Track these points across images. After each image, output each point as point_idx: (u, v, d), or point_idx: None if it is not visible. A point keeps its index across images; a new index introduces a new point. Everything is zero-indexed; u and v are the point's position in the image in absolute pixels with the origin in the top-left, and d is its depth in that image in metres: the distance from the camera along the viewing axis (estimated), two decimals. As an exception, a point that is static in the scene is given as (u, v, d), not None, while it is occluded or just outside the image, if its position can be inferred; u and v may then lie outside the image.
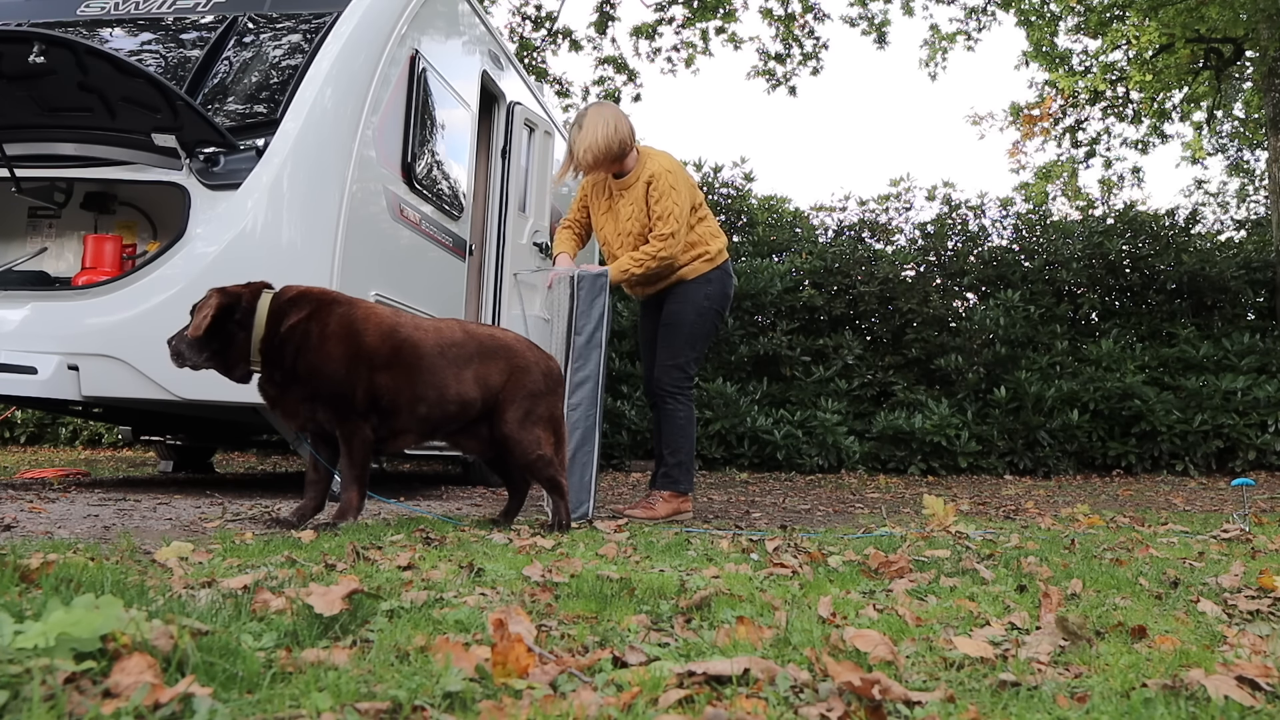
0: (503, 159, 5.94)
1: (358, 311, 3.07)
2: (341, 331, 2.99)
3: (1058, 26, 13.38)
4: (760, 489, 6.79)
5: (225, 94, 4.40)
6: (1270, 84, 10.83)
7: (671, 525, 3.57)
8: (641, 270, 3.93)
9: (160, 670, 1.08)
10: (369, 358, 3.00)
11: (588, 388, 3.76)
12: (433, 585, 1.85)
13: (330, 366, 2.95)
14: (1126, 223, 10.11)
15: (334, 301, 3.07)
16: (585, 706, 1.09)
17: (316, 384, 2.96)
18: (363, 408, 3.00)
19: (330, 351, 2.96)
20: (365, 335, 3.01)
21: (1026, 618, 1.70)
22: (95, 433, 10.32)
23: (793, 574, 2.21)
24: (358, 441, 3.01)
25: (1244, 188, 16.92)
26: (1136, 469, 8.64)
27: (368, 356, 3.00)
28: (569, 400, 3.69)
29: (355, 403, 2.99)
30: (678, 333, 4.08)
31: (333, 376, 2.95)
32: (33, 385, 3.82)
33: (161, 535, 2.69)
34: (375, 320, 3.06)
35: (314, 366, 2.94)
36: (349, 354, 2.97)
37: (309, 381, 2.96)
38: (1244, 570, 2.35)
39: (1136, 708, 1.18)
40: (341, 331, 2.99)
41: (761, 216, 10.67)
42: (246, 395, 3.92)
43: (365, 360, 2.99)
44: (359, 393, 2.98)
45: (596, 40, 13.89)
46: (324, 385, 2.96)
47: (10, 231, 4.76)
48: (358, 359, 2.98)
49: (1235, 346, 8.97)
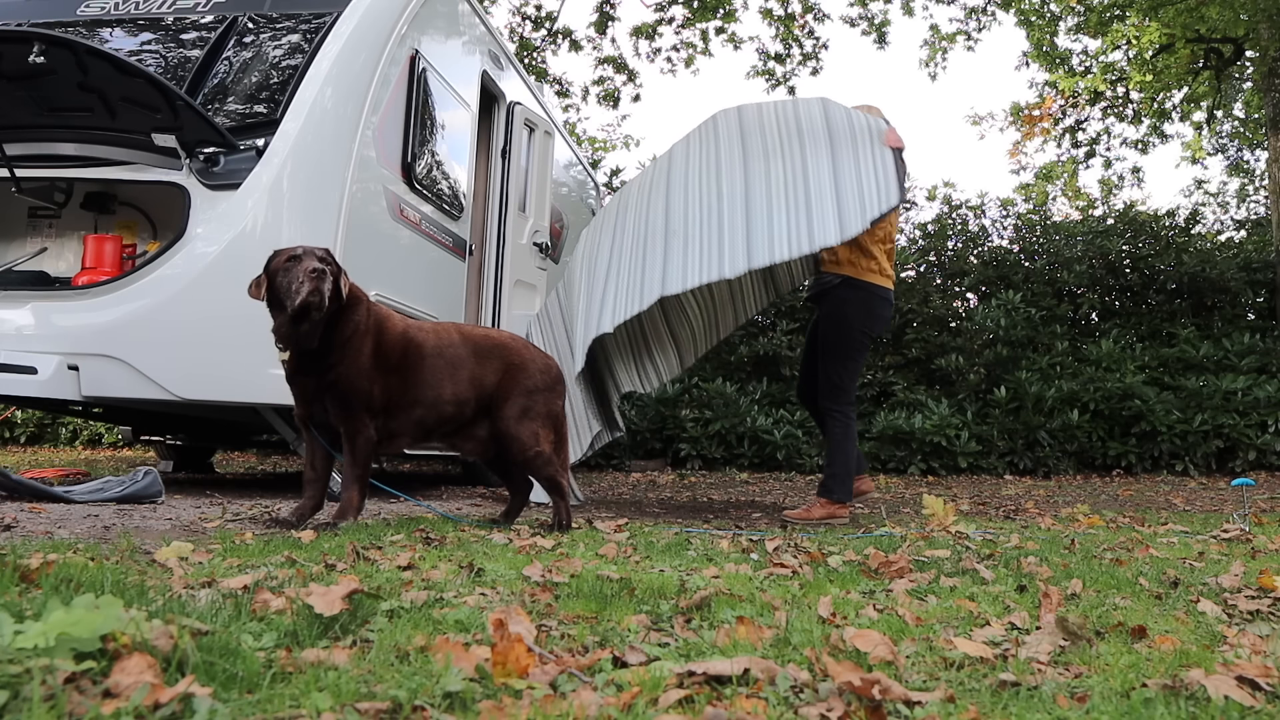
0: (503, 159, 5.94)
1: (381, 312, 3.12)
2: (374, 328, 3.04)
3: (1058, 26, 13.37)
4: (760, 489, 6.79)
5: (225, 94, 4.40)
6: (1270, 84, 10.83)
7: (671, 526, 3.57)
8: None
9: (160, 670, 1.08)
10: (385, 360, 3.04)
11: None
12: (433, 585, 1.85)
13: (360, 361, 2.98)
14: (1126, 223, 10.11)
15: (365, 299, 3.10)
16: (585, 706, 1.09)
17: (339, 373, 2.97)
18: (376, 407, 3.03)
19: (363, 347, 2.99)
20: (386, 337, 3.06)
21: (1026, 618, 1.70)
22: (95, 433, 10.32)
23: (793, 574, 2.21)
24: (362, 440, 3.02)
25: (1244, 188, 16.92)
26: (1136, 469, 8.64)
27: (384, 358, 3.03)
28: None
29: (372, 402, 3.01)
30: (826, 348, 4.24)
31: (360, 372, 2.98)
32: (33, 385, 3.81)
33: (161, 535, 2.69)
34: (392, 324, 3.12)
35: (345, 358, 2.97)
36: (374, 353, 3.01)
37: (335, 368, 2.97)
38: (1244, 570, 2.35)
39: (1136, 708, 1.18)
40: (374, 328, 3.04)
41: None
42: (246, 395, 3.94)
43: (383, 361, 3.03)
44: (376, 392, 3.01)
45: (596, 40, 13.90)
46: (346, 377, 2.97)
47: (10, 231, 4.76)
48: (378, 359, 3.02)
49: (1235, 346, 8.96)
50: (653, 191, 4.35)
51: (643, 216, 4.28)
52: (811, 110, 4.23)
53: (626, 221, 4.37)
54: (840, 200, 3.95)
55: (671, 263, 4.03)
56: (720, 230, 4.03)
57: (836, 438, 4.16)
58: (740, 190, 4.12)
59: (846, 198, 3.96)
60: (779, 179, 4.10)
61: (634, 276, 4.13)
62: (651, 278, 4.04)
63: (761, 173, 4.14)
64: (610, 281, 4.21)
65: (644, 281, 4.06)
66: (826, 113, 4.20)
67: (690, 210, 4.13)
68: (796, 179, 4.08)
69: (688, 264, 3.99)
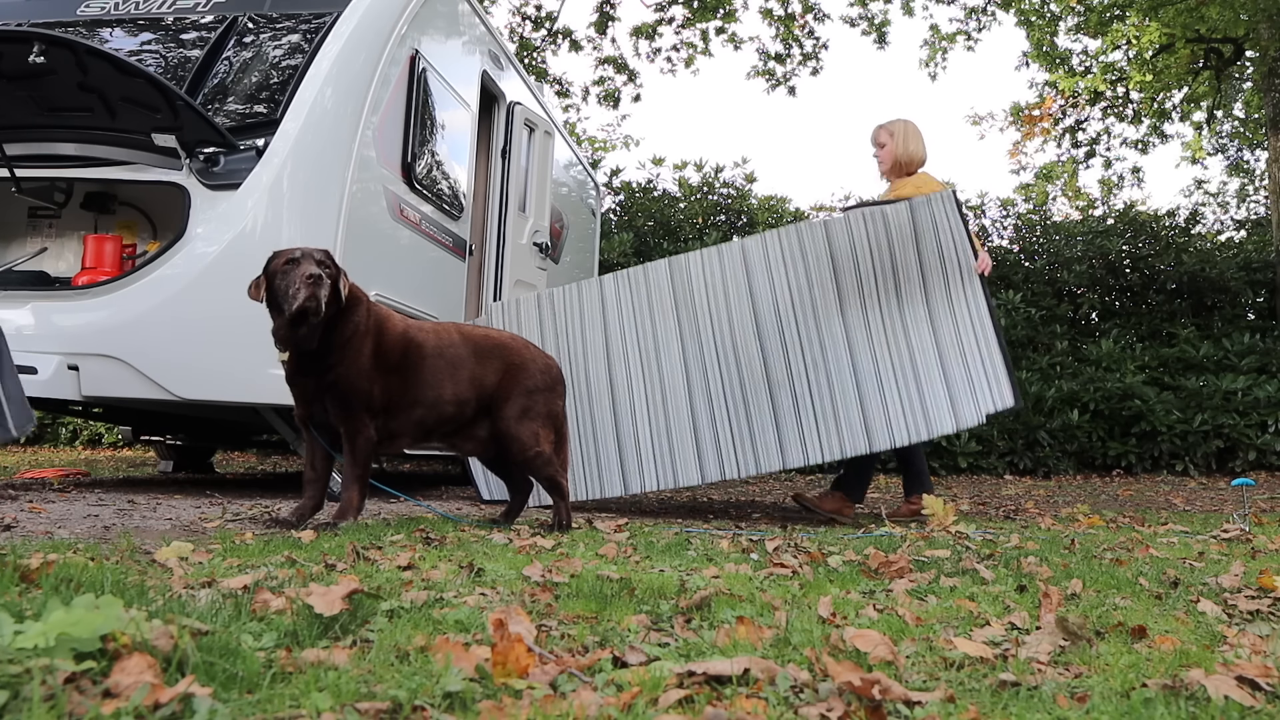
0: (503, 159, 5.94)
1: (381, 313, 3.13)
2: (374, 329, 3.04)
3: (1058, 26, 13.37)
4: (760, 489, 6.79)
5: (225, 94, 4.40)
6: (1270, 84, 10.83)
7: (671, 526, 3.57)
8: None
9: (160, 670, 1.08)
10: (384, 360, 3.04)
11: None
12: (433, 585, 1.85)
13: (360, 362, 2.98)
14: (1126, 223, 10.11)
15: (365, 299, 3.11)
16: (585, 706, 1.09)
17: (339, 374, 2.97)
18: (377, 407, 3.03)
19: (363, 347, 2.99)
20: (385, 337, 3.06)
21: (1026, 618, 1.70)
22: (95, 433, 10.32)
23: (793, 574, 2.21)
24: (362, 440, 3.02)
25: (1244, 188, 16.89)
26: (1136, 469, 8.64)
27: (384, 359, 3.04)
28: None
29: (372, 402, 3.01)
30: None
31: (360, 372, 2.98)
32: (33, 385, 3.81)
33: (161, 535, 2.69)
34: (392, 324, 3.12)
35: (345, 359, 2.97)
36: (374, 353, 3.01)
37: (335, 369, 2.97)
38: (1244, 570, 2.34)
39: (1136, 708, 1.18)
40: (374, 329, 3.04)
41: (762, 216, 10.68)
42: (246, 395, 3.94)
43: (382, 362, 3.03)
44: (375, 392, 3.01)
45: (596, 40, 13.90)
46: (346, 377, 2.97)
47: (10, 231, 4.76)
48: (378, 360, 3.02)
49: (1235, 346, 8.96)
50: (732, 306, 4.11)
51: (727, 341, 4.08)
52: (902, 225, 4.07)
53: (703, 332, 4.12)
54: (950, 387, 3.97)
55: (786, 431, 3.96)
56: (833, 402, 3.98)
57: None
58: (845, 352, 4.03)
59: (957, 385, 3.97)
60: (883, 344, 4.04)
61: (740, 433, 4.01)
62: (767, 447, 3.97)
63: (861, 326, 4.05)
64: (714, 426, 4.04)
65: (756, 451, 3.98)
66: (916, 230, 4.08)
67: (794, 363, 4.03)
68: (901, 348, 4.03)
69: (805, 436, 3.95)
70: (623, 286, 4.25)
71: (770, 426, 3.99)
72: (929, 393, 3.96)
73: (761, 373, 4.03)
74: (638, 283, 4.24)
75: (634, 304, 4.23)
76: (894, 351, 4.01)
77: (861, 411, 3.95)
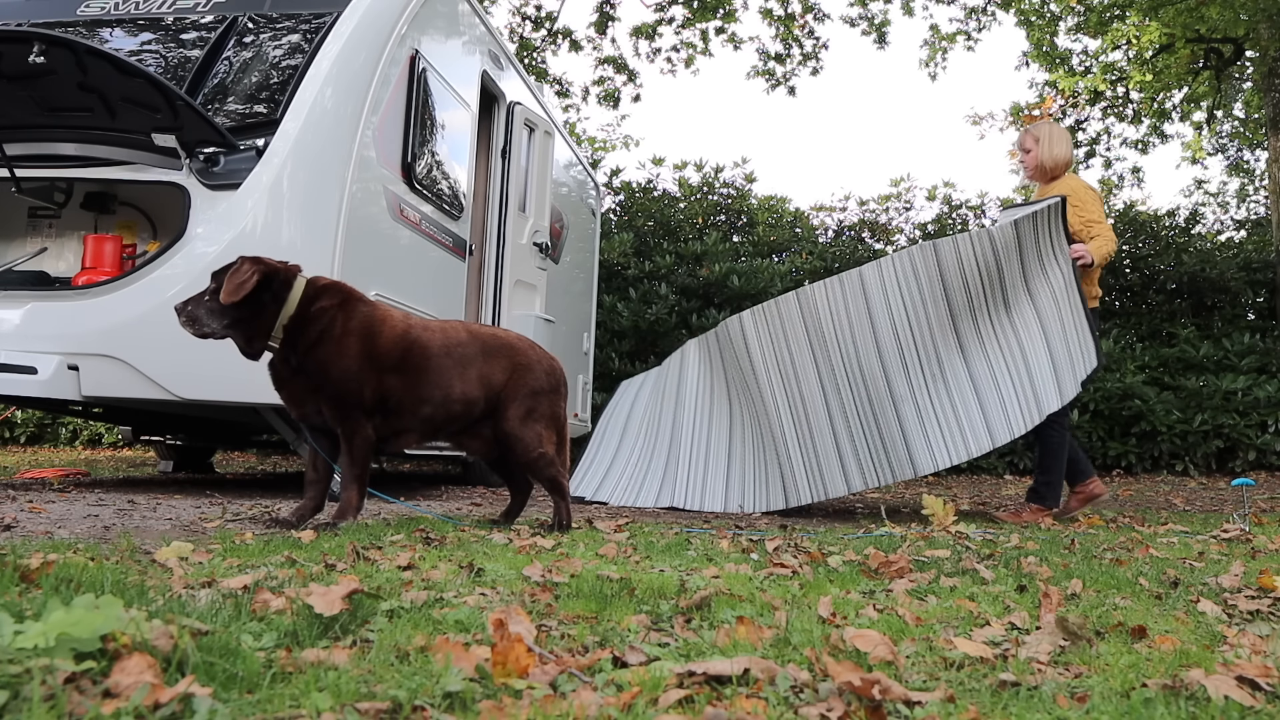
0: (503, 159, 5.94)
1: (377, 313, 3.11)
2: (361, 330, 3.03)
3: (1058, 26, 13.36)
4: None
5: (225, 94, 4.40)
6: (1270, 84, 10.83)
7: (671, 526, 3.57)
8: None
9: (160, 670, 1.08)
10: (379, 360, 3.03)
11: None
12: (433, 585, 1.85)
13: (345, 362, 2.97)
14: (1127, 223, 10.10)
15: (360, 300, 3.11)
16: (585, 706, 1.09)
17: (327, 375, 2.96)
18: (369, 407, 3.02)
19: (348, 347, 2.98)
20: (380, 338, 3.05)
21: (1026, 618, 1.70)
22: (95, 433, 10.32)
23: (793, 574, 2.21)
24: (359, 440, 3.01)
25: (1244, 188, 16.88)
26: (1136, 469, 8.64)
27: (379, 359, 3.03)
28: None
29: (363, 401, 3.00)
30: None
31: (345, 372, 2.97)
32: (33, 385, 3.82)
33: (161, 535, 2.69)
34: (390, 324, 3.11)
35: (329, 358, 2.96)
36: (364, 353, 3.00)
37: (321, 371, 2.96)
38: (1244, 570, 2.35)
39: (1136, 708, 1.18)
40: (361, 330, 3.03)
41: (761, 216, 10.67)
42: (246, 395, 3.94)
43: (376, 362, 3.02)
44: (367, 392, 3.00)
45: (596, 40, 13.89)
46: (334, 379, 2.97)
47: (10, 231, 4.76)
48: (370, 359, 3.01)
49: (1235, 346, 8.96)
50: (855, 330, 4.32)
51: (854, 363, 4.31)
52: (1007, 242, 4.26)
53: (832, 355, 4.35)
54: (1056, 366, 4.23)
55: (914, 440, 4.20)
56: (954, 408, 4.23)
57: (1052, 447, 4.38)
58: (960, 361, 4.29)
59: (1060, 362, 4.23)
60: (994, 347, 4.29)
61: (875, 446, 4.27)
62: (899, 458, 4.22)
63: (973, 334, 4.29)
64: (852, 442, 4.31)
65: (891, 462, 4.23)
66: (1020, 243, 4.28)
67: (915, 378, 4.26)
68: (1012, 345, 4.28)
69: (932, 443, 4.20)
70: (759, 321, 4.57)
71: (899, 439, 4.23)
72: (1038, 377, 4.22)
73: (885, 390, 4.27)
74: (772, 315, 4.53)
75: (770, 335, 4.53)
76: (1005, 350, 4.28)
77: (982, 412, 4.22)
